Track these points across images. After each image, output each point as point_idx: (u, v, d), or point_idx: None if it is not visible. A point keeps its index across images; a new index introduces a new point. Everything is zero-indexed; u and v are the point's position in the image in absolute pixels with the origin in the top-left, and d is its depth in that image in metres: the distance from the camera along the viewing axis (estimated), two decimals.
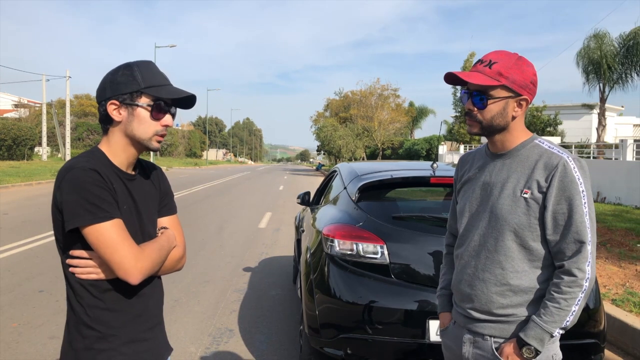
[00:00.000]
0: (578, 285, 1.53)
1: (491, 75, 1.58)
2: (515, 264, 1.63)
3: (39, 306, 4.87)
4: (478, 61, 1.64)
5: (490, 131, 1.66)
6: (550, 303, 1.55)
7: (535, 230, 1.60)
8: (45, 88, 35.93)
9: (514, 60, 1.60)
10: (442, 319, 1.96)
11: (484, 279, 1.68)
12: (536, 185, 1.57)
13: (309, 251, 3.61)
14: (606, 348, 3.52)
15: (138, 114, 1.47)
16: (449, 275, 1.97)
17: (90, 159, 1.45)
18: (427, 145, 40.51)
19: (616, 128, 36.41)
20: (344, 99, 54.01)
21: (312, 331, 3.10)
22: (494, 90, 1.59)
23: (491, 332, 1.67)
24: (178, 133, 72.20)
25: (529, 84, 1.60)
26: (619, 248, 7.29)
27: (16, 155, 31.04)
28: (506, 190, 1.63)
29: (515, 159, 1.65)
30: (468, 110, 1.66)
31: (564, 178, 1.54)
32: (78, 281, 1.45)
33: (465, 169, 1.86)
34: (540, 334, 1.55)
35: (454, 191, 1.94)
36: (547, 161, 1.58)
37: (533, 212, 1.58)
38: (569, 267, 1.54)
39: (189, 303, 5.16)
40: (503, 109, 1.60)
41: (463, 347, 1.75)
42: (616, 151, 17.82)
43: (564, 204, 1.54)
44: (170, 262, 1.59)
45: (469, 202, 1.77)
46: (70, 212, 1.36)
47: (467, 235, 1.76)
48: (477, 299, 1.70)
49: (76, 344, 1.46)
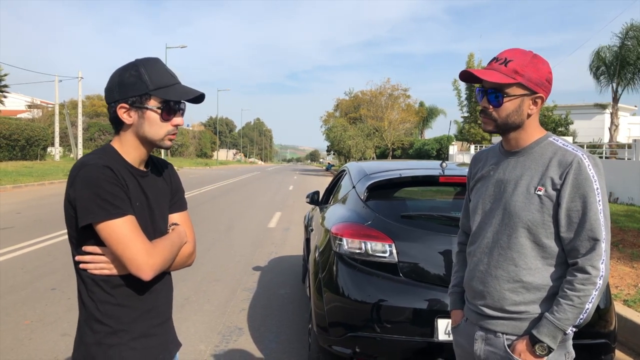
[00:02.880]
0: (592, 283, 1.52)
1: (507, 73, 1.58)
2: (528, 260, 1.62)
3: (51, 304, 4.93)
4: (493, 59, 1.64)
5: (505, 129, 1.66)
6: (564, 300, 1.54)
7: (549, 227, 1.59)
8: (57, 89, 36.28)
9: (529, 58, 1.60)
10: (453, 316, 1.96)
11: (496, 276, 1.67)
12: (550, 183, 1.57)
13: (317, 250, 3.61)
14: (617, 348, 3.49)
15: (148, 116, 1.48)
16: (461, 272, 1.96)
17: (102, 156, 1.46)
18: (437, 145, 40.31)
19: (629, 128, 36.03)
20: (353, 99, 53.91)
21: (321, 330, 3.11)
22: (509, 88, 1.59)
23: (503, 329, 1.67)
24: (189, 133, 72.57)
25: (545, 81, 1.60)
26: (631, 249, 7.21)
27: (29, 155, 31.38)
28: (520, 187, 1.63)
29: (529, 157, 1.65)
30: (483, 108, 1.66)
31: (579, 175, 1.53)
32: (90, 277, 1.47)
33: (478, 166, 1.86)
34: (553, 331, 1.55)
35: (467, 189, 1.94)
36: (561, 158, 1.57)
37: (547, 209, 1.58)
38: (583, 265, 1.54)
39: (199, 301, 5.19)
40: (518, 106, 1.60)
41: (475, 344, 1.75)
42: (629, 151, 17.63)
43: (578, 202, 1.53)
44: (181, 258, 1.61)
45: (482, 199, 1.76)
46: (84, 209, 1.38)
47: (480, 233, 1.76)
48: (489, 295, 1.69)
49: (87, 338, 1.49)
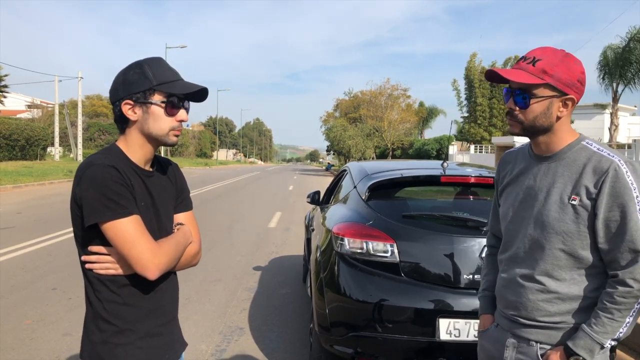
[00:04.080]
0: (634, 297, 1.45)
1: (535, 73, 1.49)
2: (563, 272, 1.55)
3: (52, 304, 4.93)
4: (521, 58, 1.55)
5: (532, 132, 1.56)
6: (603, 313, 1.46)
7: (585, 238, 1.50)
8: (57, 89, 36.29)
9: (560, 57, 1.50)
10: (482, 320, 1.89)
11: (530, 287, 1.60)
12: (585, 192, 1.48)
13: (319, 250, 3.62)
14: (618, 348, 3.49)
15: (153, 111, 1.49)
16: (490, 276, 1.90)
17: (108, 155, 1.48)
18: (437, 145, 40.30)
19: (629, 128, 36.06)
20: (353, 99, 53.93)
21: (322, 329, 3.11)
22: (537, 89, 1.50)
23: (538, 338, 1.60)
24: (189, 133, 72.58)
25: (576, 82, 1.50)
26: None
27: (29, 155, 31.37)
28: (552, 196, 1.54)
29: (561, 163, 1.55)
30: (509, 109, 1.57)
31: (616, 183, 1.44)
32: (96, 276, 1.48)
33: (507, 170, 1.77)
34: (590, 344, 1.47)
35: (496, 193, 1.87)
36: (596, 165, 1.47)
37: (582, 219, 1.49)
38: (624, 278, 1.45)
39: (200, 301, 5.20)
40: (547, 108, 1.50)
41: (505, 351, 1.68)
42: (629, 151, 17.65)
43: (616, 211, 1.44)
44: (186, 258, 1.62)
45: (512, 206, 1.68)
46: (90, 208, 1.39)
47: (511, 242, 1.68)
48: (522, 306, 1.62)
49: (93, 337, 1.49)
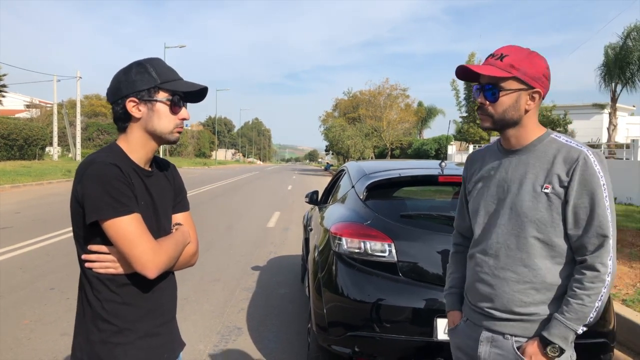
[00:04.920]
0: (601, 281, 1.50)
1: (503, 67, 1.57)
2: (537, 260, 1.59)
3: (50, 304, 4.92)
4: (490, 55, 1.63)
5: (502, 125, 1.63)
6: (573, 300, 1.51)
7: (557, 226, 1.56)
8: (56, 88, 36.24)
9: (525, 54, 1.58)
10: (451, 318, 1.91)
11: (505, 278, 1.63)
12: (557, 180, 1.54)
13: (317, 249, 3.61)
14: (616, 348, 3.50)
15: (157, 109, 1.50)
16: (457, 274, 1.92)
17: (110, 154, 1.48)
18: (436, 145, 40.32)
19: (627, 128, 36.05)
20: (352, 99, 53.94)
21: (320, 329, 3.11)
22: (505, 82, 1.57)
23: (513, 331, 1.63)
24: (187, 133, 72.51)
25: (542, 76, 1.58)
26: (629, 248, 7.22)
27: (28, 155, 31.32)
28: (525, 186, 1.59)
29: (532, 155, 1.61)
30: (480, 104, 1.64)
31: (585, 172, 1.51)
32: (96, 275, 1.48)
33: (475, 167, 1.81)
34: (565, 332, 1.52)
35: (463, 191, 1.89)
36: (566, 155, 1.54)
37: (555, 207, 1.55)
38: (592, 262, 1.51)
39: (199, 301, 5.19)
40: (515, 101, 1.58)
41: (480, 346, 1.70)
42: (627, 151, 17.67)
43: (585, 198, 1.51)
44: (184, 258, 1.62)
45: (484, 201, 1.72)
46: (92, 206, 1.38)
47: (485, 235, 1.71)
48: (497, 298, 1.65)
49: (93, 337, 1.49)
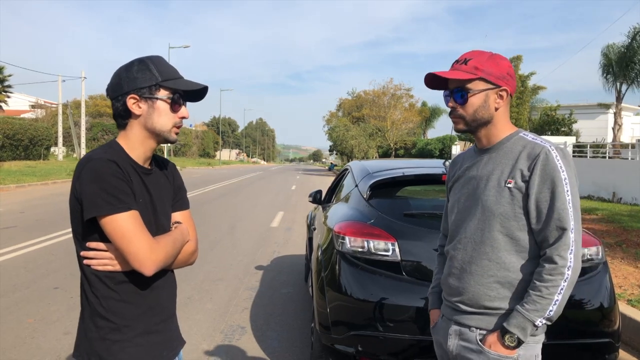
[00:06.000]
0: (560, 273, 1.51)
1: (468, 70, 1.64)
2: (502, 255, 1.63)
3: (53, 302, 4.94)
4: (455, 61, 1.70)
5: (475, 125, 1.68)
6: (533, 291, 1.54)
7: (520, 219, 1.60)
8: (61, 89, 36.39)
9: (487, 56, 1.66)
10: (432, 316, 1.97)
11: (471, 272, 1.68)
12: (519, 175, 1.58)
13: (320, 249, 3.60)
14: (621, 348, 3.48)
15: (158, 107, 1.50)
16: (440, 274, 1.97)
17: (108, 150, 1.48)
18: (440, 145, 40.28)
19: (632, 128, 35.94)
20: (356, 98, 53.91)
21: (324, 328, 3.10)
22: (471, 84, 1.64)
23: (477, 324, 1.67)
24: (192, 133, 72.62)
25: (506, 75, 1.64)
26: (635, 248, 7.19)
27: (33, 155, 31.47)
28: (491, 182, 1.64)
29: (500, 152, 1.66)
30: (451, 108, 1.70)
31: (546, 166, 1.54)
32: (94, 273, 1.48)
33: (455, 169, 1.87)
34: (523, 322, 1.54)
35: (447, 193, 1.94)
36: (530, 151, 1.59)
37: (517, 201, 1.59)
38: (550, 254, 1.54)
39: (202, 300, 5.19)
40: (484, 101, 1.64)
41: (449, 339, 1.75)
42: (632, 151, 17.60)
43: (546, 192, 1.55)
44: (183, 256, 1.61)
45: (457, 198, 1.78)
46: (89, 202, 1.38)
47: (456, 230, 1.77)
48: (465, 292, 1.70)
49: (91, 334, 1.49)
